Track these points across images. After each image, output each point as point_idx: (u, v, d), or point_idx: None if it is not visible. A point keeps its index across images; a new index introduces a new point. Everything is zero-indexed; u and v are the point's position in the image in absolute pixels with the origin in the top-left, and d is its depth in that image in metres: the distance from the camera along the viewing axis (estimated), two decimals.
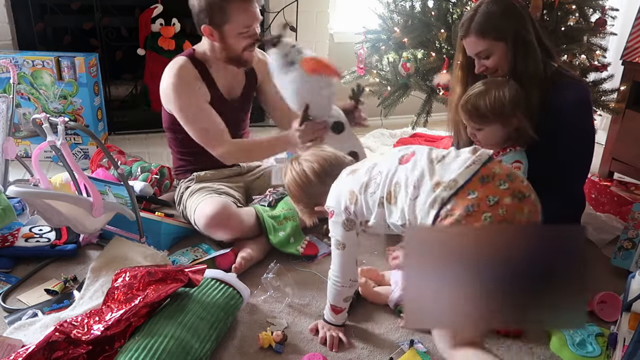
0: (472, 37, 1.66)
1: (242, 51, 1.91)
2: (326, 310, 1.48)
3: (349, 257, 1.38)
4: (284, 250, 1.85)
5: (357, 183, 1.30)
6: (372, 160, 1.35)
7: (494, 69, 1.69)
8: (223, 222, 1.81)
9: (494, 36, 1.64)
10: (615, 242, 1.93)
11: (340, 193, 1.32)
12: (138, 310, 1.29)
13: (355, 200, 1.29)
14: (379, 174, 1.27)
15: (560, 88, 1.68)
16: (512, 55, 1.65)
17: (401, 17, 2.49)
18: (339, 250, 1.37)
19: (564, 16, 2.32)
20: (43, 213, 1.59)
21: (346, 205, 1.31)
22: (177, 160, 2.13)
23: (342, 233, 1.34)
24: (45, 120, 1.57)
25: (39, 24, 2.96)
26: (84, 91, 2.68)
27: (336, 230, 1.35)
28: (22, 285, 1.66)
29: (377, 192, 1.25)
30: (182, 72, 1.90)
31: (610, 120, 2.70)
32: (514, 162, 1.65)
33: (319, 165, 1.38)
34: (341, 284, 1.40)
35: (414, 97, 2.57)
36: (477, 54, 1.68)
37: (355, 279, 1.44)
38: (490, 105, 1.60)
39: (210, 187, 1.98)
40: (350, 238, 1.36)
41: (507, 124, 1.63)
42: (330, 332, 1.46)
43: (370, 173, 1.29)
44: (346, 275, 1.39)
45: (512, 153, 1.67)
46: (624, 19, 2.74)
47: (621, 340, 1.28)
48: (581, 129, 1.72)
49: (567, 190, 1.76)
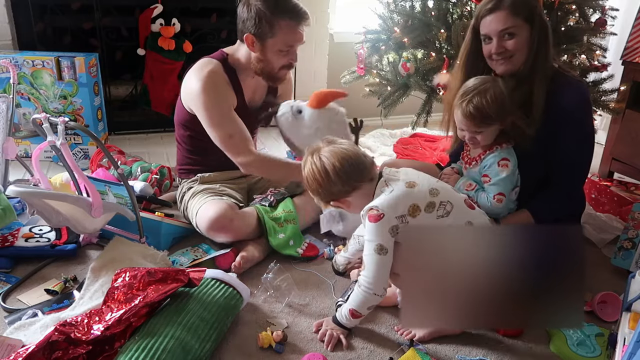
0: (503, 11, 1.63)
1: (278, 69, 1.92)
2: (342, 312, 1.45)
3: (387, 263, 1.37)
4: (283, 253, 1.84)
5: (422, 201, 1.37)
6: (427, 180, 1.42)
7: (513, 52, 1.65)
8: (225, 226, 1.81)
9: (525, 16, 1.62)
10: (615, 242, 1.93)
11: (400, 201, 1.36)
12: (138, 310, 1.29)
13: (417, 214, 1.36)
14: (449, 204, 1.38)
15: (561, 88, 1.67)
16: (535, 42, 1.63)
17: (401, 17, 2.50)
18: (380, 255, 1.35)
19: (564, 16, 2.32)
20: (42, 213, 1.58)
21: (403, 215, 1.35)
22: (183, 159, 2.11)
23: (388, 238, 1.35)
24: (45, 120, 1.57)
25: (39, 24, 2.96)
26: (84, 91, 2.68)
27: (381, 234, 1.35)
28: (22, 285, 1.66)
29: (447, 219, 1.36)
30: (214, 75, 1.88)
31: (610, 120, 2.70)
32: (501, 160, 1.65)
33: (340, 165, 1.38)
34: (374, 291, 1.37)
35: (414, 97, 2.57)
36: (503, 30, 1.64)
37: (386, 288, 1.41)
38: (492, 105, 1.58)
39: (213, 188, 1.98)
40: (392, 244, 1.36)
41: (505, 122, 1.63)
42: (332, 332, 1.45)
43: (436, 197, 1.38)
44: (380, 284, 1.38)
45: (498, 151, 1.67)
46: (624, 19, 2.74)
47: (621, 340, 1.28)
48: (581, 129, 1.71)
49: (567, 191, 1.76)
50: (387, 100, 2.57)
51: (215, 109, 1.87)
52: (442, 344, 1.47)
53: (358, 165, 1.40)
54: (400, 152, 2.93)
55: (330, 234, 2.02)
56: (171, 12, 3.07)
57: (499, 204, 1.63)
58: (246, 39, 1.86)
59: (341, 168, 1.38)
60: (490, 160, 1.67)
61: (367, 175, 1.42)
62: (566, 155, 1.70)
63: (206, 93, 1.85)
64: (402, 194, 1.37)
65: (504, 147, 1.67)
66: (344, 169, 1.38)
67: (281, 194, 2.00)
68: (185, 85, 1.93)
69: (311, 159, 1.43)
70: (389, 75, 2.54)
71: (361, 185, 1.41)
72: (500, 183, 1.64)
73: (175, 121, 2.07)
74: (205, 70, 1.88)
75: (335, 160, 1.39)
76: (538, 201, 1.71)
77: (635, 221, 1.87)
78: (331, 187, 1.40)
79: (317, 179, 1.41)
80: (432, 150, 2.92)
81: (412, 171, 1.47)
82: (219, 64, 1.92)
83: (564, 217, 1.77)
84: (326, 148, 1.43)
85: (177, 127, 2.07)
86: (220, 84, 1.89)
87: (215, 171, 2.05)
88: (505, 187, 1.64)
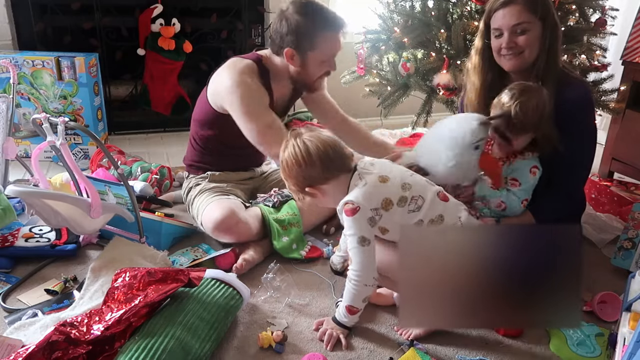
0: (518, 5, 1.62)
1: (317, 79, 1.92)
2: (340, 311, 1.46)
3: (372, 252, 1.39)
4: (286, 256, 1.84)
5: (394, 195, 1.39)
6: (400, 174, 1.43)
7: (523, 48, 1.65)
8: (231, 228, 1.80)
9: (540, 13, 1.62)
10: (615, 242, 1.93)
11: (372, 195, 1.38)
12: (138, 310, 1.29)
13: (389, 207, 1.38)
14: (420, 198, 1.40)
15: (563, 88, 1.67)
16: (547, 41, 1.63)
17: (401, 17, 2.49)
18: (364, 247, 1.38)
19: (564, 16, 2.32)
20: (41, 213, 1.58)
21: (377, 208, 1.38)
22: (195, 156, 2.09)
23: (368, 229, 1.38)
24: (45, 120, 1.57)
25: (39, 24, 2.96)
26: (84, 91, 2.69)
27: (361, 226, 1.37)
28: (22, 285, 1.66)
29: (417, 213, 1.39)
30: (249, 70, 1.87)
31: (610, 120, 2.70)
32: (532, 167, 1.66)
33: (324, 149, 1.39)
34: (364, 282, 1.39)
35: (414, 97, 2.57)
36: (515, 25, 1.63)
37: (376, 277, 1.42)
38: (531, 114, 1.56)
39: (220, 187, 1.97)
40: (372, 234, 1.39)
41: (539, 131, 1.62)
42: (332, 331, 1.45)
43: (408, 192, 1.40)
44: (369, 274, 1.40)
45: (530, 158, 1.67)
46: (624, 19, 2.75)
47: (621, 340, 1.28)
48: (583, 130, 1.71)
49: (568, 191, 1.76)
50: (387, 100, 2.57)
51: (253, 101, 1.84)
52: (442, 344, 1.47)
53: (340, 154, 1.42)
54: None
55: (330, 233, 2.02)
56: (171, 12, 3.07)
57: (523, 208, 1.68)
58: (286, 54, 1.85)
59: (324, 152, 1.39)
60: (522, 164, 1.67)
61: (346, 166, 1.44)
62: (568, 156, 1.70)
63: (242, 86, 1.82)
64: (375, 188, 1.39)
65: (534, 155, 1.68)
66: (327, 154, 1.39)
67: (285, 196, 1.99)
68: (215, 81, 1.91)
69: (293, 141, 1.42)
70: (389, 75, 2.54)
71: (339, 175, 1.42)
72: (529, 189, 1.67)
73: (196, 120, 2.04)
74: (240, 66, 1.87)
75: (319, 144, 1.40)
76: (539, 201, 1.71)
77: (635, 221, 1.87)
78: (311, 171, 1.40)
79: (298, 161, 1.40)
80: None
81: (387, 164, 1.49)
82: (254, 64, 1.90)
83: (565, 217, 1.77)
84: (308, 133, 1.44)
85: (197, 126, 2.04)
86: (256, 80, 1.88)
87: (225, 171, 2.04)
88: (531, 193, 1.68)
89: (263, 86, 1.90)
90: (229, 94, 1.84)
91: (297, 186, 1.45)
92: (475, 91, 1.79)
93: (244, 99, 1.82)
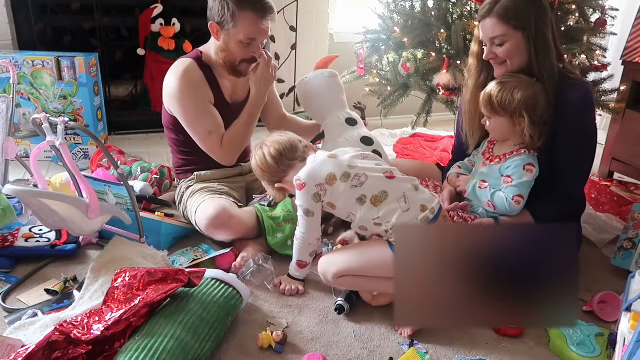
0: (492, 18, 1.63)
1: (240, 62, 1.91)
2: (292, 266, 1.68)
3: (316, 221, 1.59)
4: (282, 252, 1.84)
5: (339, 170, 1.53)
6: (347, 154, 1.59)
7: (503, 59, 1.66)
8: (224, 224, 1.81)
9: (514, 24, 1.62)
10: (615, 242, 1.93)
11: (317, 171, 1.54)
12: (138, 310, 1.29)
13: (333, 182, 1.52)
14: (364, 175, 1.52)
15: (564, 89, 1.67)
16: (532, 50, 1.63)
17: (401, 17, 2.49)
18: (308, 217, 1.57)
19: (564, 16, 2.32)
20: (38, 213, 1.57)
21: (321, 183, 1.52)
22: (178, 160, 2.12)
23: (312, 204, 1.55)
24: (45, 120, 1.57)
25: (39, 24, 2.96)
26: (84, 91, 2.68)
27: (306, 200, 1.55)
28: (22, 285, 1.66)
29: (360, 189, 1.51)
30: (188, 74, 1.89)
31: (610, 120, 2.70)
32: (527, 165, 1.66)
33: (276, 150, 1.62)
34: (308, 242, 1.62)
35: (414, 97, 2.57)
36: (492, 38, 1.65)
37: (320, 236, 1.63)
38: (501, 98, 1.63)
39: (211, 187, 1.98)
40: (318, 207, 1.56)
41: (515, 121, 1.64)
42: (291, 285, 1.67)
43: (353, 168, 1.53)
44: (313, 235, 1.61)
45: (526, 155, 1.68)
46: (624, 19, 2.74)
47: (621, 340, 1.28)
48: (583, 130, 1.71)
49: (568, 191, 1.75)
50: (387, 100, 2.57)
51: (192, 108, 1.90)
52: (442, 344, 1.47)
53: (290, 148, 1.62)
54: (400, 152, 2.93)
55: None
56: (171, 12, 3.07)
57: (517, 206, 1.66)
58: (211, 27, 1.88)
59: (277, 151, 1.62)
60: (516, 161, 1.67)
61: (299, 156, 1.63)
62: (568, 156, 1.70)
63: (182, 92, 1.87)
64: (321, 165, 1.55)
65: (532, 153, 1.68)
66: (279, 152, 1.61)
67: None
68: (164, 87, 1.95)
69: (255, 151, 1.67)
70: (389, 75, 2.54)
71: (294, 164, 1.62)
72: (521, 186, 1.66)
73: (165, 126, 2.08)
74: (179, 70, 1.90)
75: (271, 146, 1.63)
76: (538, 201, 1.71)
77: (635, 221, 1.87)
78: (271, 169, 1.63)
79: (259, 165, 1.65)
80: (432, 150, 2.92)
81: (347, 149, 1.64)
82: (194, 62, 1.93)
83: (565, 218, 1.77)
84: (269, 139, 1.66)
85: (168, 132, 2.08)
86: (196, 82, 1.90)
87: (211, 169, 2.05)
88: (525, 191, 1.67)
89: (208, 83, 1.93)
90: (172, 100, 1.92)
91: (269, 185, 1.68)
92: (470, 93, 1.82)
93: (184, 106, 1.90)
